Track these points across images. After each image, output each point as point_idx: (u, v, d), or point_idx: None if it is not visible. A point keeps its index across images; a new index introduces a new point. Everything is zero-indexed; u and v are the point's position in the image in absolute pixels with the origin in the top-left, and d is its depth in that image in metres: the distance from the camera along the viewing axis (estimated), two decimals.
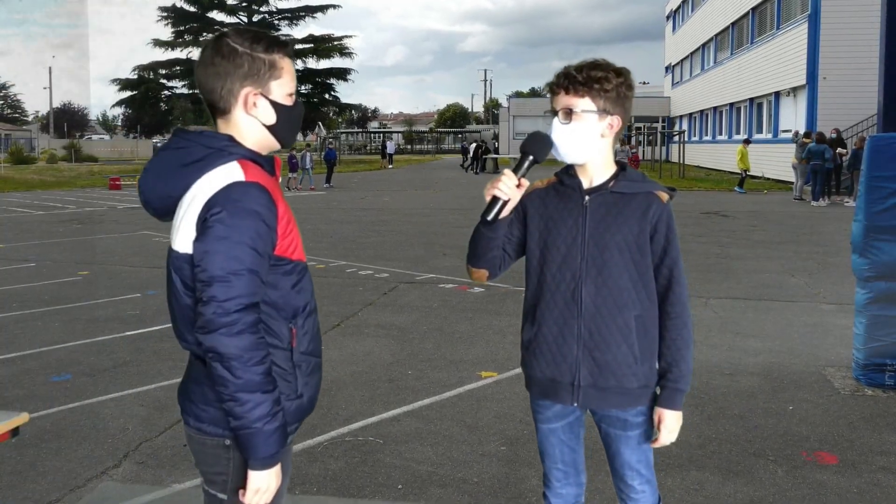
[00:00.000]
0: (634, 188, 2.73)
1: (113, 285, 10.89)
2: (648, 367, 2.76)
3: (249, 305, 2.16)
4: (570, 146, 2.70)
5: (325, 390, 6.29)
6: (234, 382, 2.14)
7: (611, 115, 2.69)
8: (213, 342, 2.13)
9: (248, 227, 2.16)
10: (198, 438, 2.36)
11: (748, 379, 6.58)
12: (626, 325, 2.71)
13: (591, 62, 2.69)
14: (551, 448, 2.93)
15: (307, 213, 21.91)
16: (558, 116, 2.69)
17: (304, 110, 2.55)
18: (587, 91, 2.65)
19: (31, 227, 18.94)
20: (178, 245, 2.27)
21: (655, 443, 2.84)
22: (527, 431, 5.45)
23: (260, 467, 2.22)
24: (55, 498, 4.50)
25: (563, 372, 2.77)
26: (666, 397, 2.78)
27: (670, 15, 63.08)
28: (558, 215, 2.77)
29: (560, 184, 2.82)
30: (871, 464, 4.94)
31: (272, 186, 2.29)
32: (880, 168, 6.34)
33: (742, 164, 29.04)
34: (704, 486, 4.61)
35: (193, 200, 2.23)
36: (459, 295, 10.14)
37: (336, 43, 71.88)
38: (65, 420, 5.73)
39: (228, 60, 2.30)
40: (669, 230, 2.73)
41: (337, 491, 4.58)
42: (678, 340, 2.77)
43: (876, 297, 6.37)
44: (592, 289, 2.71)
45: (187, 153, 2.29)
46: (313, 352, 2.44)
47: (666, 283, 2.75)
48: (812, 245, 14.77)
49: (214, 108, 2.36)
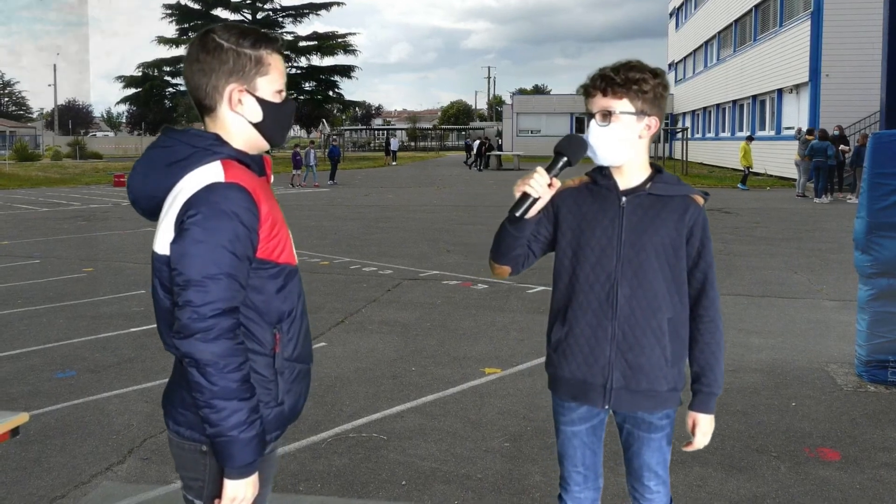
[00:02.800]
0: (671, 190, 2.72)
1: (117, 282, 10.93)
2: (678, 370, 2.76)
3: (226, 310, 2.11)
4: (608, 148, 2.67)
5: (329, 387, 6.31)
6: (210, 389, 2.09)
7: (648, 115, 2.67)
8: (188, 348, 2.08)
9: (226, 229, 2.11)
10: (176, 442, 2.31)
11: (751, 375, 6.59)
12: (660, 328, 2.70)
13: (627, 63, 2.67)
14: (573, 451, 2.90)
15: (311, 209, 21.93)
16: (595, 118, 2.67)
17: (295, 108, 2.46)
18: (625, 92, 2.63)
19: (36, 224, 18.97)
20: (157, 246, 2.23)
21: (690, 446, 2.85)
22: (530, 428, 5.46)
23: (236, 476, 2.16)
24: (59, 494, 4.52)
25: (595, 374, 2.75)
26: (701, 401, 2.79)
27: (673, 12, 63.02)
28: (593, 216, 2.74)
29: (594, 184, 2.79)
30: (873, 460, 4.94)
31: (257, 187, 2.23)
32: (883, 165, 6.34)
33: (745, 161, 29.00)
34: (707, 482, 4.62)
35: (174, 201, 2.18)
36: (463, 291, 10.15)
37: (340, 40, 71.85)
38: (69, 416, 5.75)
39: (213, 56, 2.25)
40: (705, 234, 2.73)
41: (341, 487, 4.60)
42: (712, 344, 2.77)
43: (878, 293, 6.38)
44: (627, 290, 2.69)
45: (172, 152, 2.24)
46: (299, 358, 2.37)
47: (700, 287, 2.75)
48: (815, 242, 14.77)
49: (201, 106, 2.31)
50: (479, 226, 17.38)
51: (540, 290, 9.90)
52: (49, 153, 69.39)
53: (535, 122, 63.43)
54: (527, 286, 10.09)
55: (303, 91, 72.66)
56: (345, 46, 71.85)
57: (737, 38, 42.17)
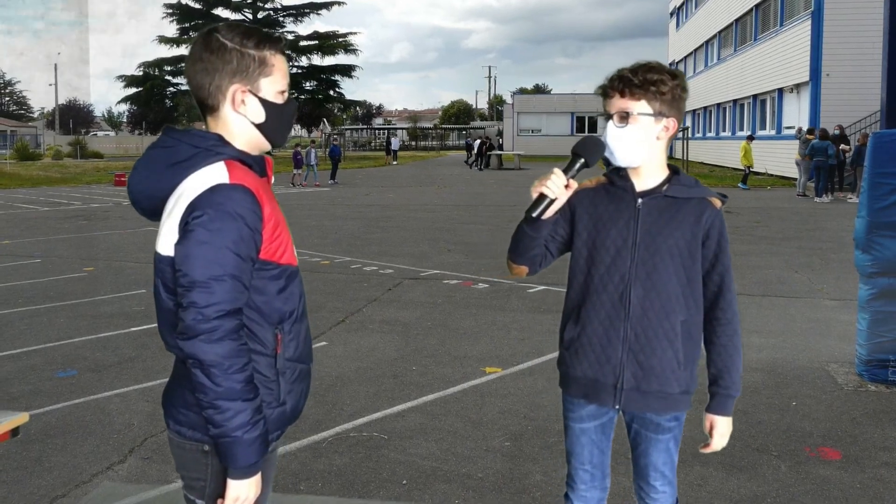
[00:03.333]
0: (688, 193, 2.72)
1: (118, 281, 10.94)
2: (689, 372, 2.76)
3: (231, 311, 2.12)
4: (625, 149, 2.67)
5: (329, 386, 6.32)
6: (214, 390, 2.09)
7: (667, 117, 2.67)
8: (193, 349, 2.09)
9: (231, 230, 2.11)
10: (177, 442, 2.32)
11: (751, 375, 6.58)
12: (673, 330, 2.70)
13: (646, 64, 2.67)
14: (580, 448, 2.90)
15: (312, 209, 21.94)
16: (613, 119, 2.67)
17: (297, 109, 2.46)
18: (643, 94, 2.63)
19: (37, 224, 18.97)
20: (160, 247, 2.23)
21: (707, 448, 2.85)
22: (531, 427, 5.47)
23: (240, 476, 2.17)
24: (60, 493, 4.53)
25: (606, 373, 2.75)
26: (719, 403, 2.80)
27: (674, 12, 63.00)
28: (609, 216, 2.74)
29: (611, 184, 2.78)
30: (874, 459, 4.95)
31: (260, 188, 2.23)
32: (883, 164, 6.34)
33: (745, 160, 28.99)
34: (708, 482, 4.62)
35: (178, 202, 2.18)
36: (464, 291, 10.15)
37: (341, 40, 71.81)
38: (70, 416, 5.75)
39: (217, 56, 2.24)
40: (722, 237, 2.73)
41: (342, 486, 4.60)
42: (729, 346, 2.77)
43: (879, 293, 6.38)
44: (641, 292, 2.69)
45: (174, 152, 2.24)
46: (300, 358, 2.38)
47: (717, 290, 2.75)
48: (815, 241, 14.77)
49: (203, 106, 2.31)
50: (480, 225, 17.34)
51: (541, 289, 9.90)
52: (50, 153, 69.44)
53: (535, 122, 63.49)
54: (527, 285, 10.09)
55: (303, 90, 72.66)
56: (346, 46, 71.85)
57: (737, 37, 42.18)
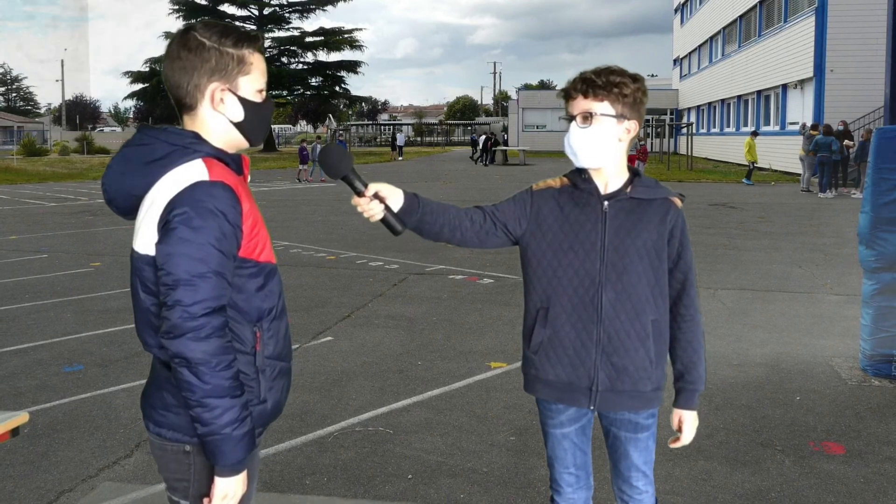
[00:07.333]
0: (651, 194, 2.74)
1: (124, 276, 10.92)
2: (661, 370, 2.79)
3: (216, 308, 2.12)
4: (588, 150, 2.69)
5: (335, 381, 6.34)
6: (202, 388, 2.09)
7: (628, 119, 2.69)
8: (179, 347, 2.08)
9: (213, 227, 2.11)
10: (158, 444, 2.31)
11: (755, 369, 6.60)
12: (644, 330, 2.73)
13: (608, 68, 2.70)
14: (563, 453, 2.91)
15: (317, 204, 21.97)
16: (576, 120, 2.70)
17: (273, 108, 2.43)
18: (606, 95, 2.66)
19: (44, 219, 19.03)
20: (138, 246, 2.23)
21: (677, 442, 2.88)
22: (536, 422, 5.46)
23: (227, 474, 2.17)
24: (67, 488, 4.56)
25: (580, 376, 2.76)
26: (686, 399, 2.83)
27: (678, 8, 62.86)
28: (575, 219, 2.75)
29: (574, 187, 2.79)
30: (877, 454, 4.96)
31: (238, 185, 2.23)
32: (887, 160, 6.35)
33: (750, 155, 28.95)
34: (712, 476, 4.64)
35: (156, 200, 2.17)
36: (469, 286, 10.16)
37: (346, 36, 71.76)
38: (77, 410, 5.78)
39: (195, 54, 2.23)
40: (683, 235, 2.77)
41: (347, 481, 4.62)
42: (693, 342, 2.81)
43: (882, 288, 6.39)
44: (612, 294, 2.71)
45: (150, 150, 2.22)
46: (279, 356, 2.38)
47: (680, 287, 2.79)
48: (819, 236, 14.76)
49: (180, 104, 2.29)
50: None
51: None
52: (56, 148, 69.56)
53: (540, 118, 63.35)
54: None
55: (309, 86, 72.72)
56: (351, 42, 71.80)
57: (741, 33, 42.08)
